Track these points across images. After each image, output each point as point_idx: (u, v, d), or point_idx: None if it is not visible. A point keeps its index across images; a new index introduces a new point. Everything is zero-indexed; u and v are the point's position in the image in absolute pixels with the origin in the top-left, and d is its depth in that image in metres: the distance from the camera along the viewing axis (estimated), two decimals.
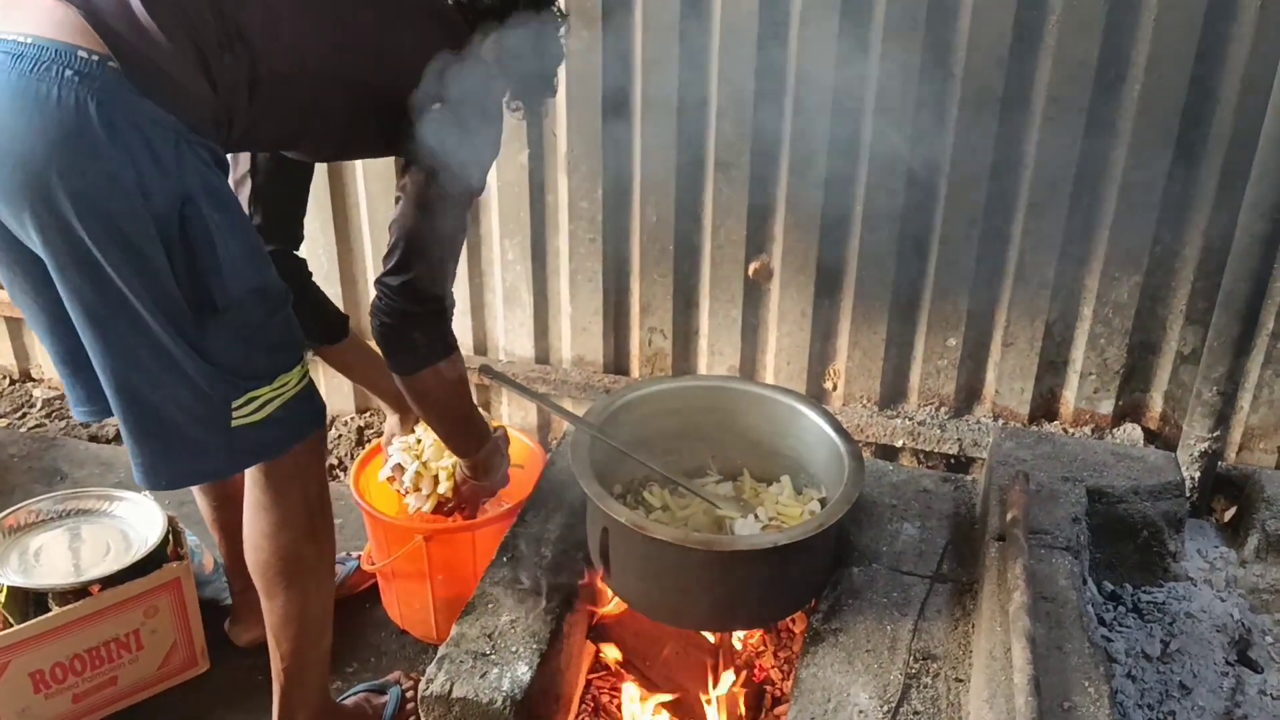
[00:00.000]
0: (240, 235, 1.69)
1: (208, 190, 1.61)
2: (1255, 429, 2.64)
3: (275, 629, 2.04)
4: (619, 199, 2.80)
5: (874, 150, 2.57)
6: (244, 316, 1.71)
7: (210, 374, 1.70)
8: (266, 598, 2.02)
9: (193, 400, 1.72)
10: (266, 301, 1.76)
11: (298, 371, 1.84)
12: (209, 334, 1.68)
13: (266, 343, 1.78)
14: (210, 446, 1.79)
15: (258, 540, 1.97)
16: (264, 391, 1.78)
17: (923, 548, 2.20)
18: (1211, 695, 2.07)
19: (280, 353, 1.82)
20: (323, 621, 2.08)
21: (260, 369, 1.78)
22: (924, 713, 1.81)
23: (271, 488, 1.92)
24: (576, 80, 2.66)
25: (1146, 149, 2.43)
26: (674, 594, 1.97)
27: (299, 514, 1.95)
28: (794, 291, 2.79)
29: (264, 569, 1.99)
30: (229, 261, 1.64)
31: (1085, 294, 2.63)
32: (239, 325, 1.71)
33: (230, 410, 1.75)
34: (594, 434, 2.10)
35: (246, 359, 1.75)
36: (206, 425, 1.75)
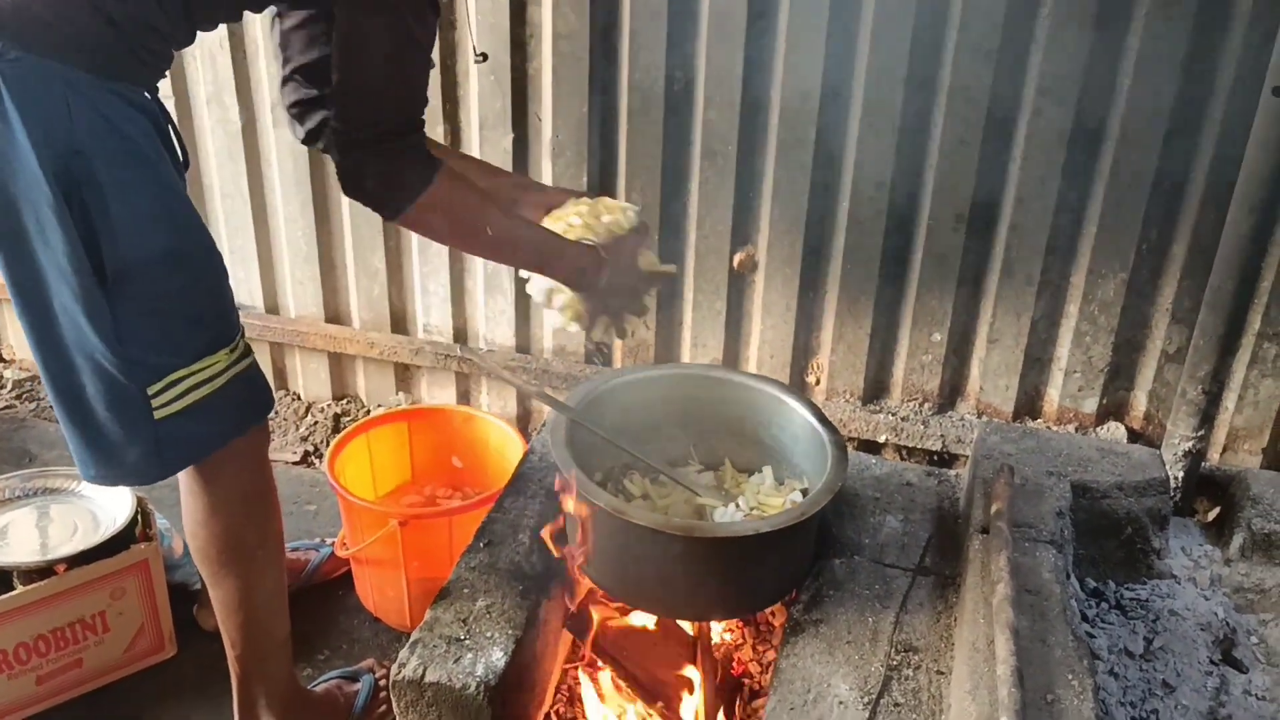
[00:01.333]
0: (149, 193, 1.57)
1: (104, 144, 1.50)
2: (1240, 430, 2.63)
3: (222, 616, 2.00)
4: (605, 185, 2.76)
5: (861, 144, 2.54)
6: (153, 286, 1.59)
7: (122, 354, 1.59)
8: (210, 584, 1.98)
9: (107, 386, 1.62)
10: (182, 269, 1.63)
11: (225, 355, 1.71)
12: (119, 309, 1.57)
13: (186, 316, 1.66)
14: (133, 441, 1.68)
15: (193, 527, 1.91)
16: (183, 374, 1.66)
17: (905, 540, 2.17)
18: (1195, 694, 2.05)
19: (201, 329, 1.69)
20: (271, 608, 2.01)
21: (179, 347, 1.66)
22: (905, 704, 1.78)
23: (202, 473, 1.84)
24: (564, 63, 2.63)
25: (1136, 146, 2.41)
26: (653, 581, 1.93)
27: (232, 499, 1.88)
28: (779, 284, 2.76)
29: (202, 555, 1.94)
30: (124, 222, 1.53)
31: (1071, 291, 2.61)
32: (148, 297, 1.59)
33: (149, 399, 1.64)
34: (574, 418, 2.06)
35: (163, 336, 1.63)
36: (125, 416, 1.65)
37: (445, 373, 3.11)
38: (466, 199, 1.85)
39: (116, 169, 1.51)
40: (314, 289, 3.11)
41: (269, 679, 2.07)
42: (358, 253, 3.00)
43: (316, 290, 3.11)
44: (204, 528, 1.90)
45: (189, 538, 1.95)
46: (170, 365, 1.65)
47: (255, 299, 3.18)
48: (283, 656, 2.09)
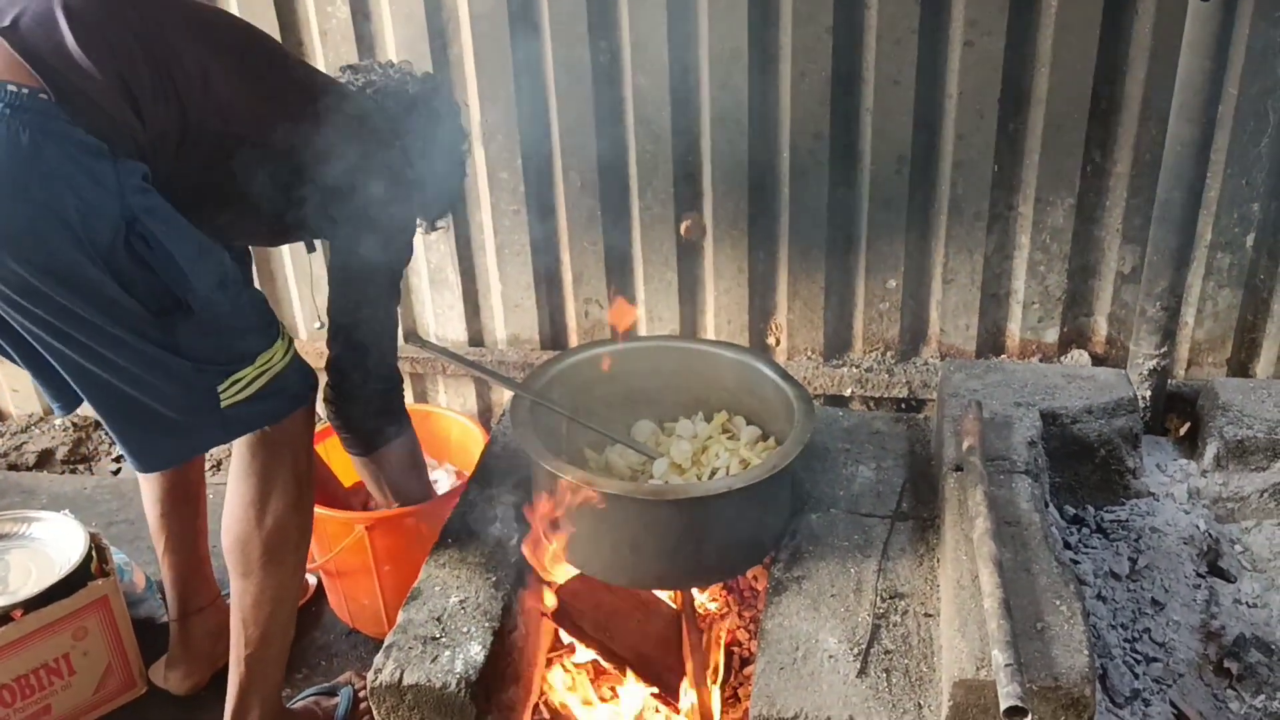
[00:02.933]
0: (188, 238, 1.67)
1: (148, 205, 1.60)
2: (1202, 343, 2.62)
3: (245, 611, 1.97)
4: (540, 166, 2.71)
5: (795, 94, 2.51)
6: (214, 310, 1.71)
7: (189, 368, 1.70)
8: (242, 576, 1.95)
9: (177, 393, 1.72)
10: (228, 290, 1.74)
11: (280, 345, 1.83)
12: (179, 333, 1.68)
13: (239, 327, 1.78)
14: (202, 427, 1.79)
15: (243, 510, 1.92)
16: (248, 372, 1.77)
17: (880, 488, 2.14)
18: (1185, 609, 2.03)
19: (255, 333, 1.80)
20: (292, 609, 2.05)
21: (239, 353, 1.77)
22: (895, 650, 1.75)
23: (262, 454, 1.89)
24: (484, 45, 2.57)
25: (1068, 66, 2.39)
26: (627, 552, 1.88)
27: (289, 483, 1.92)
28: (728, 247, 2.72)
29: (245, 543, 1.93)
30: (190, 266, 1.64)
31: (1021, 222, 2.59)
32: (208, 319, 1.70)
33: (217, 395, 1.75)
34: (532, 399, 2.01)
35: (221, 348, 1.75)
36: (195, 412, 1.75)
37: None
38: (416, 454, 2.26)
39: (162, 224, 1.62)
40: None
41: (265, 692, 2.03)
42: (296, 261, 2.93)
43: None
44: (257, 510, 1.91)
45: (232, 525, 1.93)
46: (235, 369, 1.76)
47: None
48: (280, 672, 2.06)
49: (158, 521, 2.21)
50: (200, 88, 1.71)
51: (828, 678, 1.71)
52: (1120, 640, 1.96)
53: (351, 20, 2.61)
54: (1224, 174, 2.43)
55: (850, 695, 1.68)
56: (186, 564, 2.26)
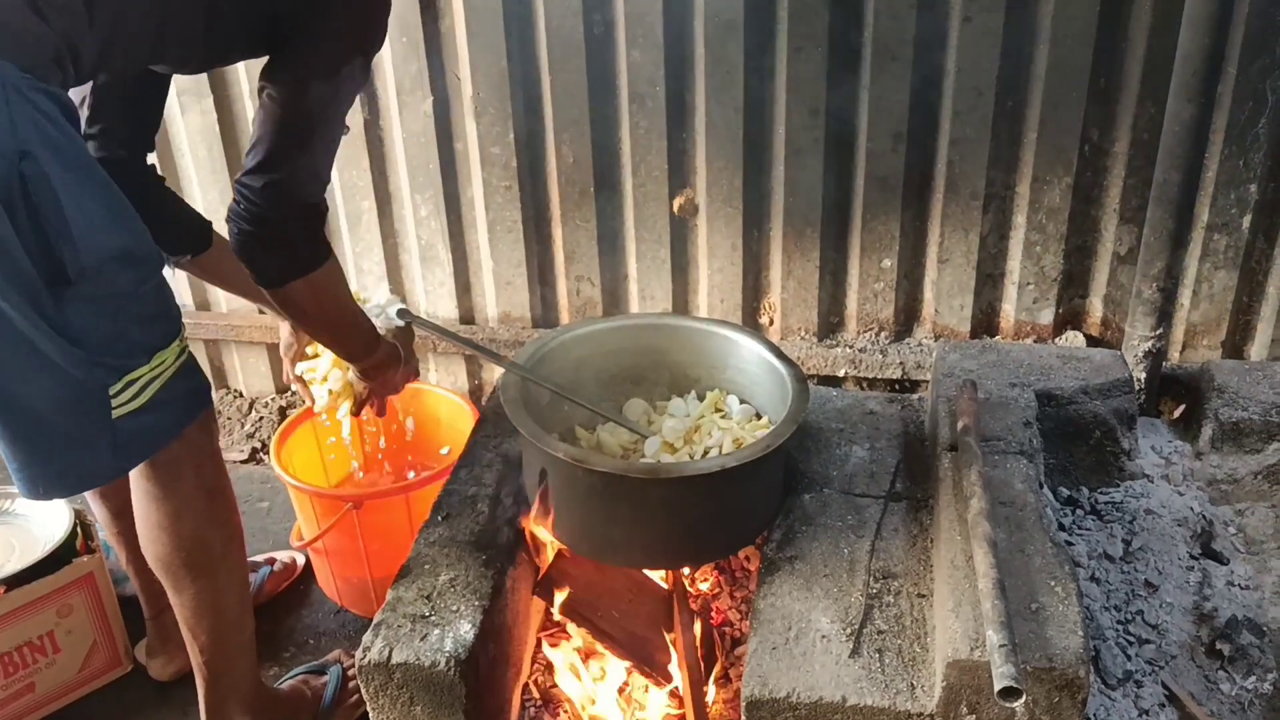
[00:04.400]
0: (94, 194, 1.52)
1: (49, 144, 1.44)
2: (1197, 325, 2.61)
3: (189, 623, 1.91)
4: (532, 142, 2.68)
5: (791, 69, 2.48)
6: (106, 287, 1.54)
7: (79, 358, 1.53)
8: (174, 592, 1.88)
9: (65, 391, 1.55)
10: (132, 268, 1.58)
11: (176, 347, 1.68)
12: (69, 310, 1.50)
13: (138, 315, 1.61)
14: (93, 443, 1.62)
15: (154, 533, 1.83)
16: (143, 372, 1.62)
17: (874, 469, 2.12)
18: (1179, 590, 2.02)
19: (155, 325, 1.65)
20: (240, 609, 1.95)
21: (135, 346, 1.61)
22: (889, 630, 1.73)
23: (161, 475, 1.77)
24: (477, 17, 2.53)
25: (1068, 44, 2.36)
26: (619, 531, 1.87)
27: (196, 499, 1.81)
28: (721, 225, 2.69)
29: (166, 562, 1.85)
30: (81, 224, 1.48)
31: (1017, 201, 2.57)
32: (102, 298, 1.54)
33: (109, 399, 1.59)
34: (523, 375, 1.99)
35: (117, 336, 1.58)
36: (85, 419, 1.59)
37: None
38: (339, 288, 1.90)
39: (63, 169, 1.45)
40: None
41: (237, 680, 1.99)
42: None
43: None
44: (167, 532, 1.81)
45: (148, 546, 1.85)
46: (130, 365, 1.61)
47: (184, 296, 3.06)
48: (249, 656, 2.01)
49: (114, 538, 2.16)
50: None
51: (820, 658, 1.69)
52: (1114, 622, 1.95)
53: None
54: (1221, 155, 2.41)
55: (843, 675, 1.66)
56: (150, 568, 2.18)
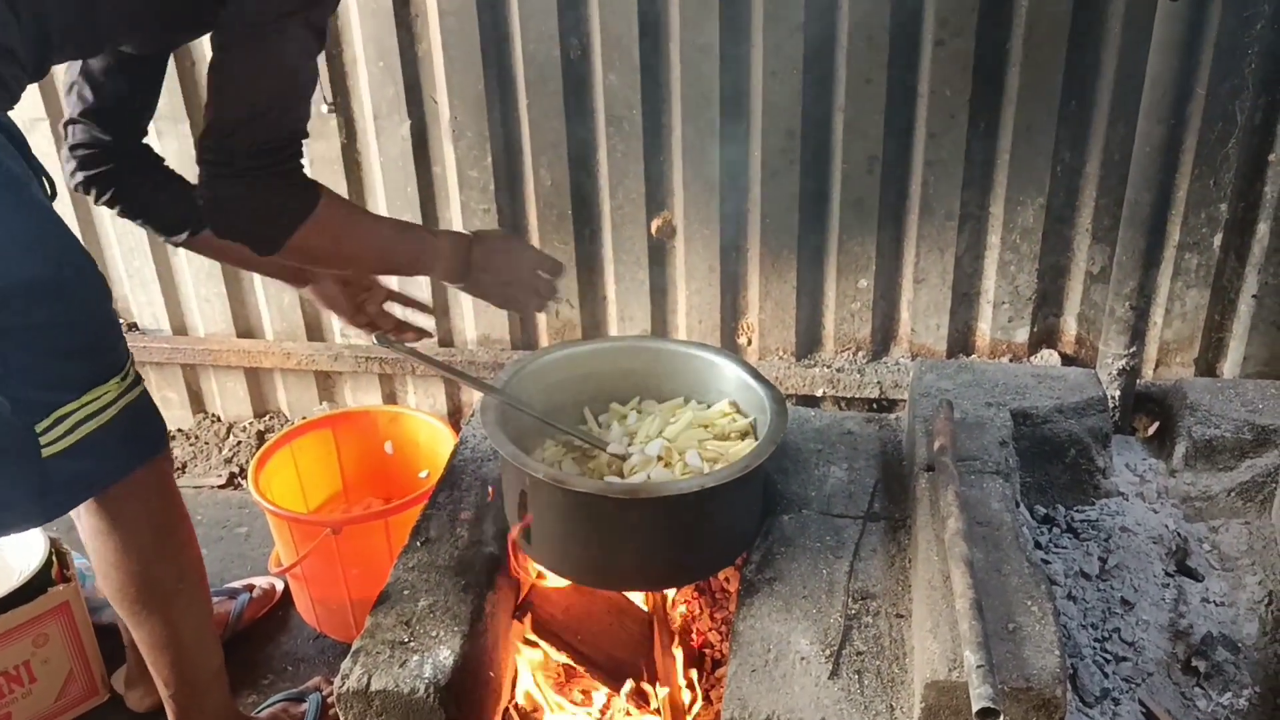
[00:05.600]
0: (18, 216, 1.45)
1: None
2: (1170, 343, 2.63)
3: (149, 656, 1.90)
4: (510, 165, 2.69)
5: (767, 93, 2.50)
6: (23, 318, 1.47)
7: (4, 393, 1.46)
8: (133, 626, 1.87)
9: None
10: (52, 298, 1.50)
11: (116, 384, 1.59)
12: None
13: (61, 349, 1.53)
14: (17, 483, 1.55)
15: (103, 567, 1.80)
16: (73, 408, 1.53)
17: (852, 489, 2.13)
18: (1154, 608, 2.04)
19: (86, 360, 1.57)
20: (200, 642, 1.91)
21: (63, 380, 1.53)
22: (867, 651, 1.74)
23: (107, 510, 1.72)
24: (453, 41, 2.54)
25: (1039, 66, 2.39)
26: (598, 552, 1.87)
27: (143, 536, 1.76)
28: (699, 246, 2.70)
29: (119, 597, 1.83)
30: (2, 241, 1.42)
31: (991, 221, 2.60)
32: (20, 329, 1.47)
33: (36, 438, 1.51)
34: (501, 400, 1.99)
35: (37, 369, 1.50)
36: (8, 457, 1.51)
37: (368, 376, 3.01)
38: (349, 219, 1.74)
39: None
40: (221, 305, 2.99)
41: (207, 713, 1.97)
42: None
43: (224, 305, 2.99)
44: (117, 569, 1.78)
45: (102, 580, 1.83)
46: (58, 400, 1.53)
47: (160, 321, 3.05)
48: (219, 688, 1.99)
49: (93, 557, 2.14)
50: None
51: (799, 679, 1.69)
52: (1090, 640, 1.96)
53: None
54: (1192, 175, 2.44)
55: (822, 697, 1.67)
56: None
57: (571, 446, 2.09)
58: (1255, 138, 2.40)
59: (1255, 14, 2.27)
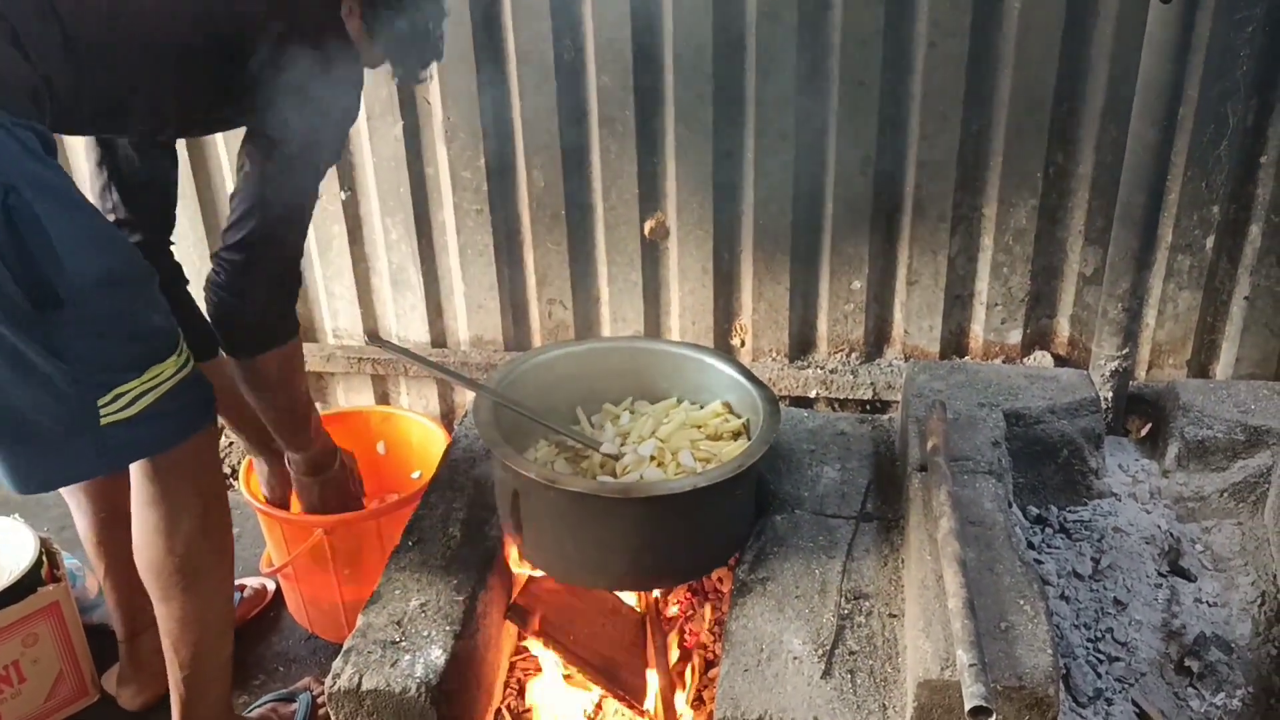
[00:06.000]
0: (77, 221, 1.55)
1: (31, 177, 1.48)
2: (1163, 344, 2.64)
3: (173, 636, 1.90)
4: (503, 165, 2.68)
5: (760, 94, 2.50)
6: (94, 308, 1.57)
7: (65, 372, 1.56)
8: (162, 602, 1.88)
9: (52, 402, 1.57)
10: (119, 288, 1.61)
11: (173, 361, 1.68)
12: (57, 330, 1.53)
13: (127, 332, 1.63)
14: (81, 448, 1.63)
15: (149, 537, 1.83)
16: (134, 385, 1.63)
17: (845, 489, 2.13)
18: (1147, 608, 2.04)
19: (147, 341, 1.67)
20: (223, 626, 1.96)
21: (125, 361, 1.63)
22: (860, 651, 1.74)
23: (160, 480, 1.79)
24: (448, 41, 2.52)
25: (1031, 68, 2.40)
26: (591, 552, 1.86)
27: (192, 507, 1.82)
28: (692, 247, 2.70)
29: (157, 570, 1.85)
30: (67, 251, 1.51)
31: (984, 223, 2.60)
32: (90, 318, 1.57)
33: (97, 409, 1.61)
34: (494, 400, 1.98)
35: (105, 352, 1.61)
36: (70, 426, 1.61)
37: (360, 377, 3.00)
38: (299, 368, 2.02)
39: (46, 200, 1.49)
40: None
41: (210, 706, 1.98)
42: None
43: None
44: (163, 536, 1.82)
45: (142, 552, 1.85)
46: (119, 379, 1.63)
47: None
48: (225, 681, 2.00)
49: (94, 550, 2.14)
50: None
51: (792, 679, 1.69)
52: (1083, 640, 1.96)
53: None
54: (1184, 176, 2.44)
55: (815, 697, 1.66)
56: (130, 585, 2.12)
57: (564, 447, 2.09)
58: (1247, 140, 2.40)
59: (1247, 17, 2.27)
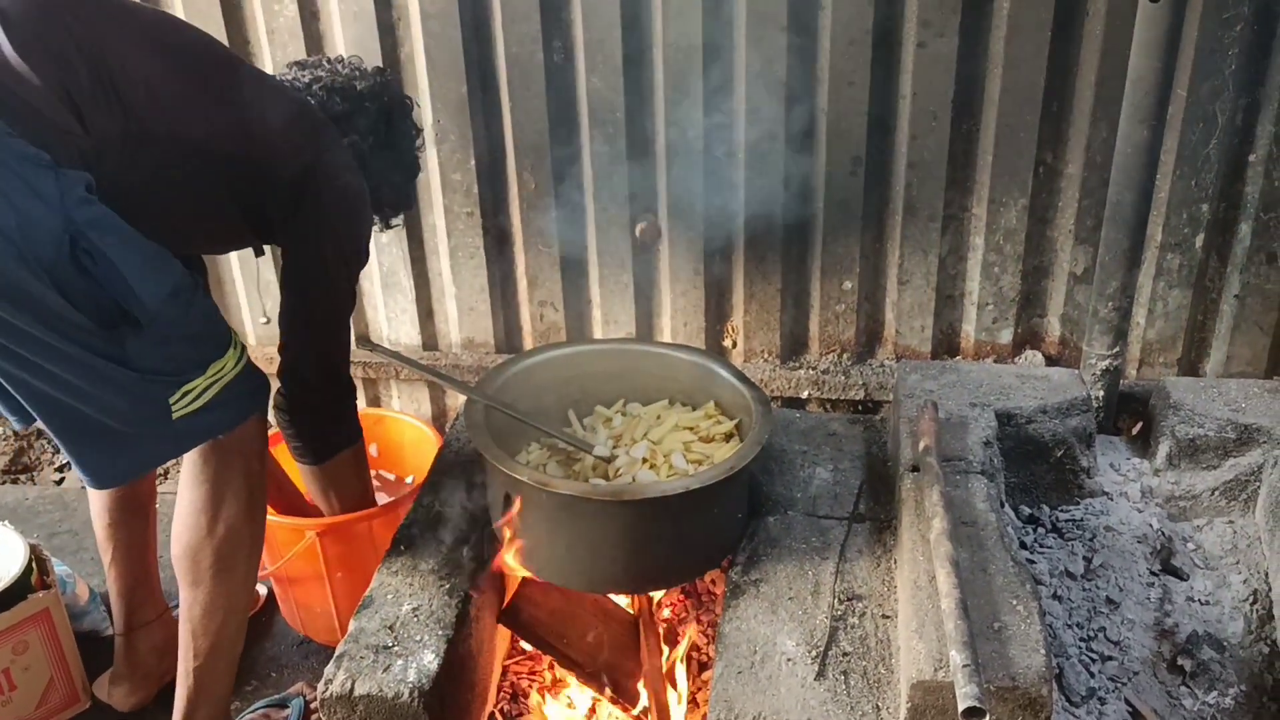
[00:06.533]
0: (136, 249, 1.63)
1: (92, 218, 1.56)
2: (1153, 343, 2.64)
3: (195, 621, 1.93)
4: (493, 168, 2.67)
5: (750, 92, 2.49)
6: (163, 321, 1.67)
7: (138, 380, 1.66)
8: (191, 585, 1.92)
9: (127, 406, 1.68)
10: (178, 299, 1.70)
11: (231, 355, 1.79)
12: (129, 345, 1.64)
13: (188, 337, 1.74)
14: (154, 440, 1.76)
15: (193, 518, 1.89)
16: (199, 382, 1.74)
17: (837, 490, 2.13)
18: (1139, 607, 2.04)
19: (205, 342, 1.77)
20: (243, 620, 2.01)
21: (189, 362, 1.74)
22: (854, 652, 1.74)
23: (214, 460, 1.87)
24: (436, 44, 2.53)
25: (1020, 68, 2.40)
26: (584, 555, 1.86)
27: (241, 490, 1.90)
28: (683, 249, 2.70)
29: (195, 550, 1.90)
30: (137, 279, 1.61)
31: (975, 223, 2.60)
32: (159, 330, 1.67)
33: (169, 407, 1.71)
34: (485, 403, 1.98)
35: (171, 357, 1.71)
36: (146, 424, 1.72)
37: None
38: (365, 465, 2.25)
39: (108, 236, 1.58)
40: None
41: (214, 702, 1.99)
42: (245, 268, 2.87)
43: None
44: (206, 515, 1.88)
45: (182, 533, 1.90)
46: (186, 378, 1.73)
47: None
48: (231, 680, 2.02)
49: (105, 532, 2.15)
50: (143, 93, 1.68)
51: (786, 681, 1.69)
52: (1076, 639, 1.96)
53: (299, 18, 2.56)
54: (1173, 175, 2.45)
55: (808, 698, 1.66)
56: (134, 576, 2.20)
57: (556, 449, 2.09)
58: (1236, 138, 2.41)
59: (1235, 16, 2.28)
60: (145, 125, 1.68)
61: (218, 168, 1.82)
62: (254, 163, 1.86)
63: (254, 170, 1.86)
